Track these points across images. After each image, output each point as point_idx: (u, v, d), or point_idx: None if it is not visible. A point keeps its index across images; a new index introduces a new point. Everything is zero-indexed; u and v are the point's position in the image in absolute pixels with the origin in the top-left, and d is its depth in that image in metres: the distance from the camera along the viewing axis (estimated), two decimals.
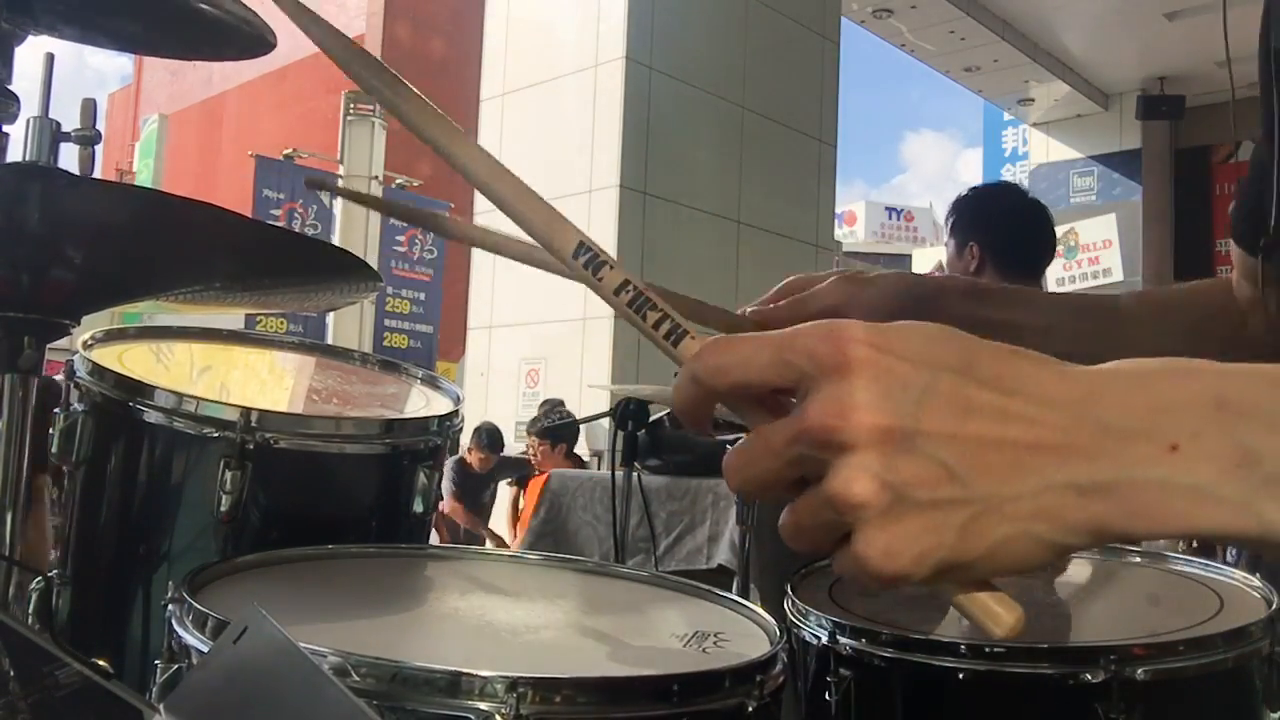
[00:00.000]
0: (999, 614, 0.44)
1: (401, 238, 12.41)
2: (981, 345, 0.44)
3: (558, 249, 0.52)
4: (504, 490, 6.55)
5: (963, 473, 0.42)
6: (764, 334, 0.45)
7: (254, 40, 1.22)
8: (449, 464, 6.19)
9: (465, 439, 6.21)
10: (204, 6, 1.15)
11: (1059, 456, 0.42)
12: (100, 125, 1.11)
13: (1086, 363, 0.44)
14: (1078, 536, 0.42)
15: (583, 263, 0.51)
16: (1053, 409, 0.42)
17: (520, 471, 6.34)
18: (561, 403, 6.39)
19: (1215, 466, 0.41)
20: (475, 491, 6.37)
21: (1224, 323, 1.02)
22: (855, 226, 31.76)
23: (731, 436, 1.84)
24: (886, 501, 0.41)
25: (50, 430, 1.19)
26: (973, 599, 0.44)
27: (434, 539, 1.40)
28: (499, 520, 6.62)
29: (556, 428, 5.69)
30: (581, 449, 6.58)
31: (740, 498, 1.86)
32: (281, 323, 10.11)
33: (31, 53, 1.11)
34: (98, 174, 1.17)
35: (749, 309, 0.97)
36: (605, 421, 2.43)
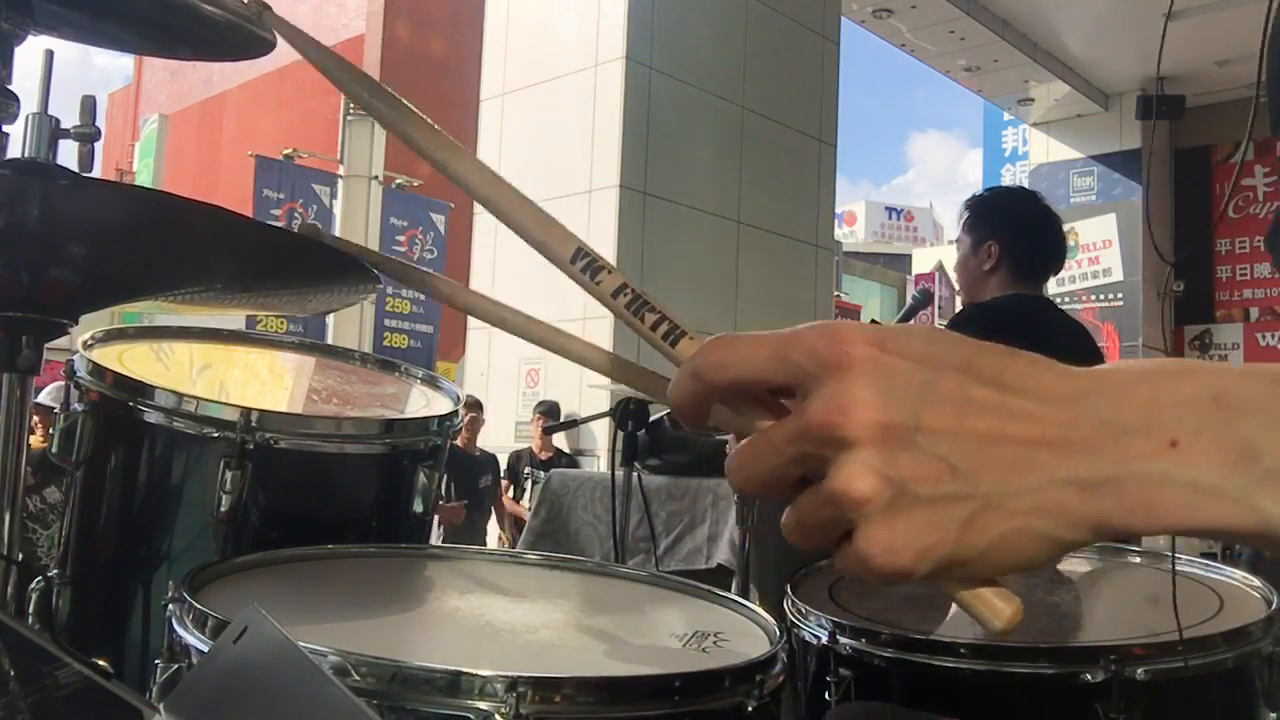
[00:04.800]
0: (998, 607, 0.44)
1: (402, 238, 12.40)
2: (981, 346, 0.44)
3: (555, 254, 0.53)
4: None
5: (964, 468, 0.42)
6: (764, 333, 0.45)
7: (254, 40, 1.22)
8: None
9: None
10: (204, 7, 1.15)
11: (1059, 452, 0.42)
12: (100, 125, 1.11)
13: None
14: (1078, 532, 0.42)
15: (580, 267, 0.52)
16: (1053, 406, 0.43)
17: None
18: (556, 405, 6.41)
19: (1214, 461, 0.41)
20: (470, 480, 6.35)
21: None
22: (855, 226, 31.75)
23: (728, 435, 1.84)
24: (888, 498, 0.41)
25: (50, 430, 1.19)
26: (974, 594, 0.45)
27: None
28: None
29: (558, 425, 5.76)
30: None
31: (741, 497, 1.85)
32: (281, 323, 10.09)
33: (33, 50, 1.11)
34: (97, 173, 1.17)
35: None
36: (605, 421, 2.43)
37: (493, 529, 6.68)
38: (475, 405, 6.37)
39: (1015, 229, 2.42)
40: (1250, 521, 0.41)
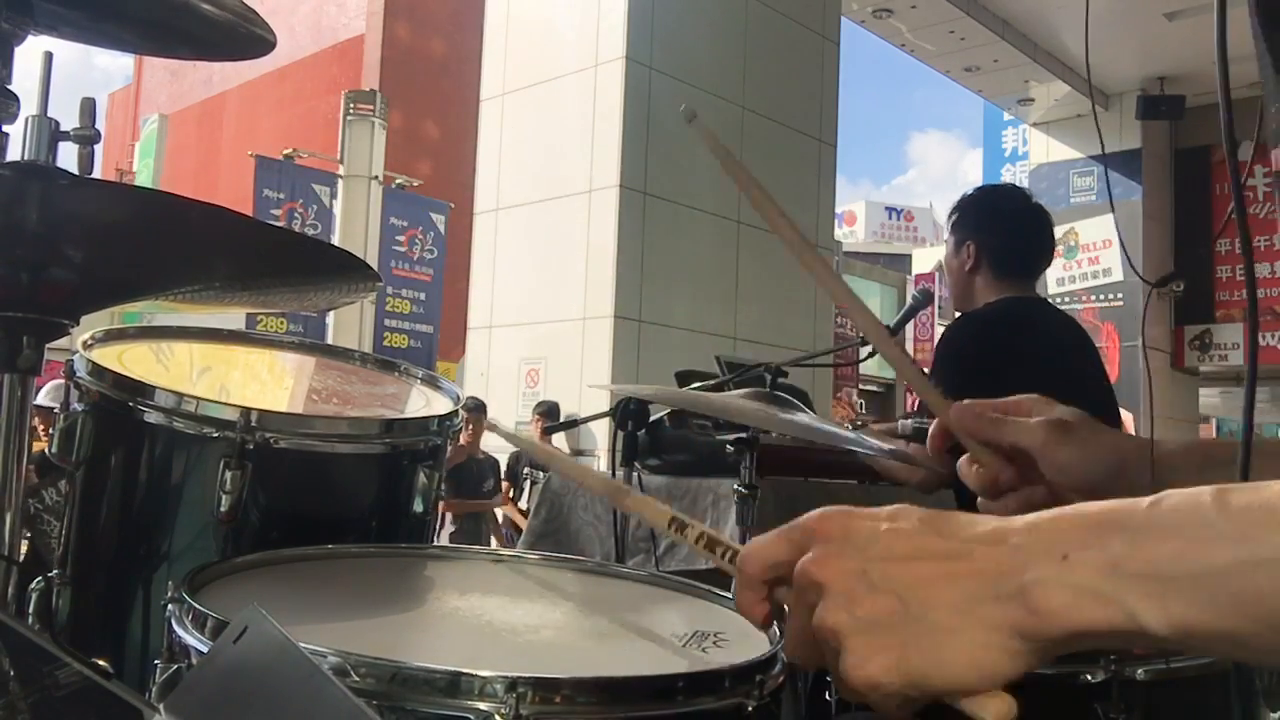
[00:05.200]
0: (986, 704, 0.53)
1: (401, 238, 12.41)
2: (936, 513, 0.57)
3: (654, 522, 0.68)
4: None
5: (908, 598, 0.53)
6: (780, 529, 0.60)
7: (254, 40, 1.22)
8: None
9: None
10: (204, 6, 1.15)
11: (982, 577, 0.53)
12: (100, 125, 1.11)
13: None
14: (1010, 638, 0.52)
15: (674, 530, 0.68)
16: (982, 544, 0.54)
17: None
18: (556, 405, 6.40)
19: (1092, 569, 0.50)
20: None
21: None
22: (855, 226, 31.76)
23: (732, 436, 1.84)
24: (853, 628, 0.54)
25: (50, 431, 1.19)
26: (968, 700, 0.54)
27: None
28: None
29: (558, 425, 5.76)
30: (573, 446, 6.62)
31: (741, 498, 1.86)
32: (281, 322, 10.11)
33: (33, 50, 1.11)
34: (97, 174, 1.17)
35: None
36: (604, 421, 2.43)
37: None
38: (479, 408, 6.37)
39: (992, 227, 2.38)
40: (1120, 618, 0.50)
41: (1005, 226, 2.38)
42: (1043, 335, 2.28)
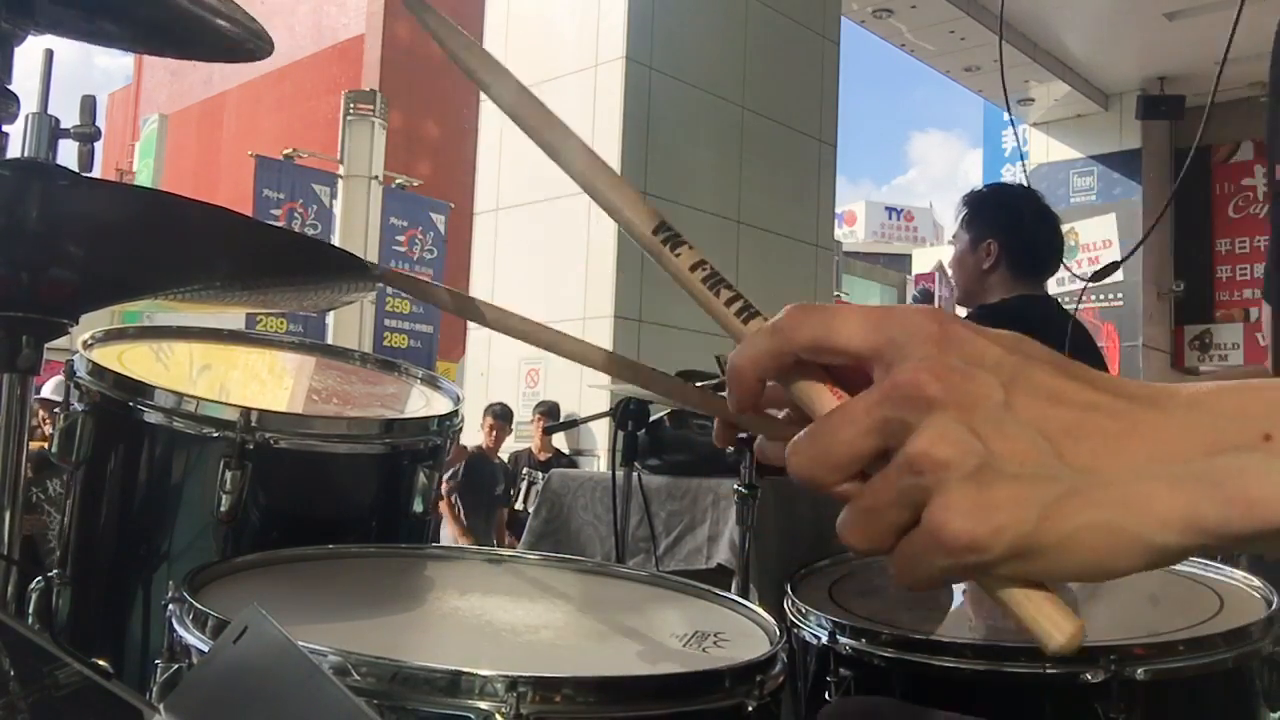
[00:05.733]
0: (1059, 621, 0.41)
1: (401, 238, 12.41)
2: (1063, 355, 0.44)
3: (634, 224, 0.56)
4: None
5: (1053, 450, 0.40)
6: (853, 304, 0.46)
7: (254, 41, 1.22)
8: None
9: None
10: (204, 9, 1.15)
11: (1149, 446, 0.40)
12: (100, 125, 1.11)
13: None
14: (1169, 532, 0.40)
15: (661, 239, 0.53)
16: (1140, 405, 0.42)
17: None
18: (556, 405, 6.40)
19: None
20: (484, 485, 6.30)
21: None
22: (855, 226, 31.76)
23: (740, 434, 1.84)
24: (973, 465, 0.40)
25: (50, 431, 1.19)
26: (1032, 599, 0.42)
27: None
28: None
29: (559, 425, 5.76)
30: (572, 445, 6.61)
31: (741, 498, 1.85)
32: (281, 322, 10.11)
33: (33, 50, 1.11)
34: (97, 173, 1.17)
35: None
36: (604, 421, 2.43)
37: None
38: (505, 415, 6.38)
39: (1015, 227, 2.41)
40: None
41: (1028, 228, 2.40)
42: (1055, 334, 2.29)
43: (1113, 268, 2.75)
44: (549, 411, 6.37)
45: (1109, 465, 0.40)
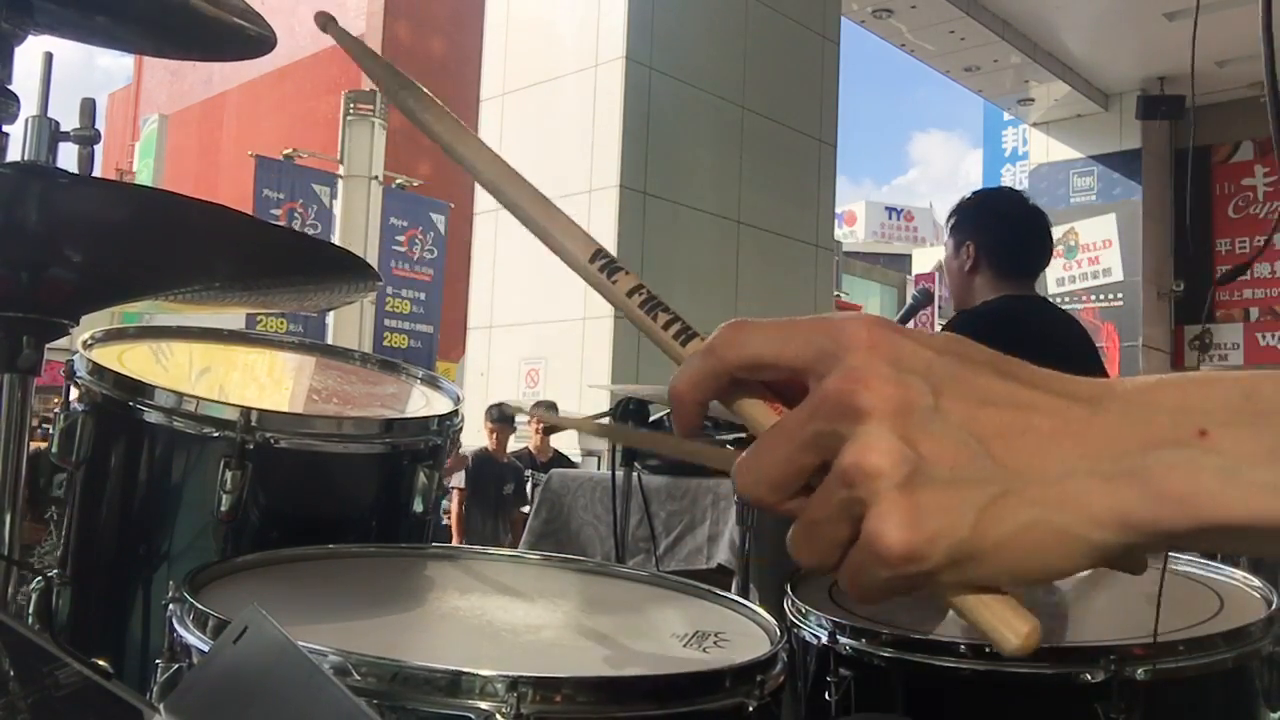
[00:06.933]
0: (1014, 623, 0.41)
1: (401, 238, 12.41)
2: (1002, 355, 0.43)
3: (572, 256, 0.51)
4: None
5: (983, 454, 0.40)
6: (782, 319, 0.44)
7: (254, 40, 1.22)
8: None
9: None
10: (204, 6, 1.15)
11: (1081, 443, 0.40)
12: (100, 125, 1.11)
13: None
14: (1104, 530, 0.39)
15: (598, 267, 0.51)
16: (1078, 403, 0.41)
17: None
18: (555, 405, 6.40)
19: (1246, 452, 0.38)
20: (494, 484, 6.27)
21: None
22: (855, 226, 31.75)
23: (730, 436, 1.84)
24: (904, 473, 0.39)
25: (50, 431, 1.19)
26: (985, 603, 0.41)
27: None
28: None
29: (555, 425, 5.74)
30: (574, 448, 6.60)
31: (745, 503, 1.85)
32: (281, 323, 10.11)
33: (33, 50, 1.11)
34: (97, 174, 1.17)
35: None
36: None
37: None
38: (503, 418, 6.36)
39: (990, 227, 2.42)
40: None
41: (1002, 228, 2.41)
42: (1039, 332, 2.29)
43: (1241, 269, 2.69)
44: (548, 429, 6.35)
45: (1042, 464, 0.40)
